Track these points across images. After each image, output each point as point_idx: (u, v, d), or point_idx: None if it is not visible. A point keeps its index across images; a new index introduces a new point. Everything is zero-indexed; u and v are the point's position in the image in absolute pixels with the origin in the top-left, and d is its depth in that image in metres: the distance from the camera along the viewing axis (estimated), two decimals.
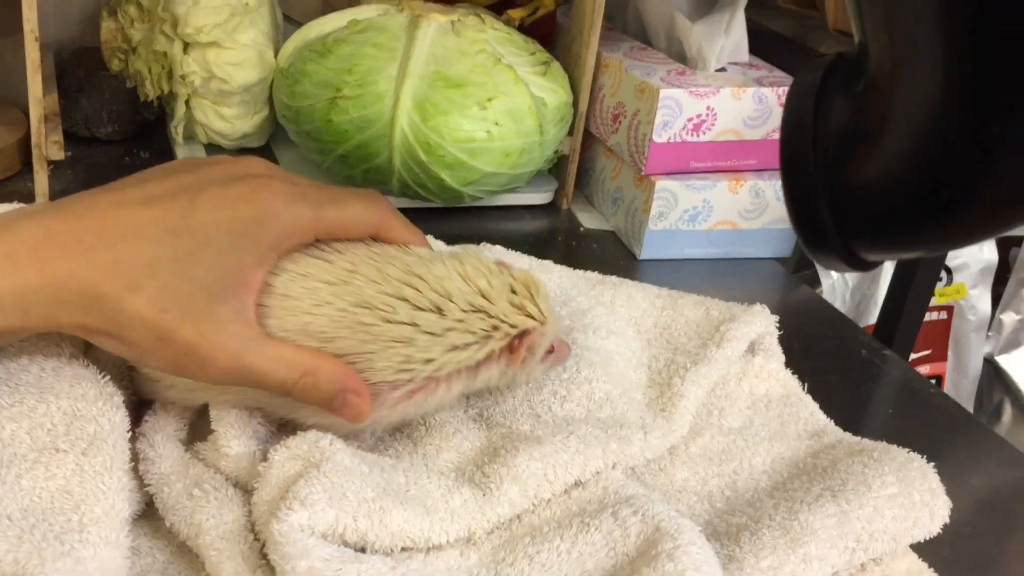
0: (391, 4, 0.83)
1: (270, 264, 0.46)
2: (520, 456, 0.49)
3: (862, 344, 0.77)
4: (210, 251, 0.43)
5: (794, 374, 0.67)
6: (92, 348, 0.52)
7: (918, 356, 1.12)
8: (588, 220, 0.90)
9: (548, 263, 0.73)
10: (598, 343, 0.61)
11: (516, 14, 0.87)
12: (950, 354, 1.16)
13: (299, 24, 0.87)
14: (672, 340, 0.64)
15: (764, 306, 0.66)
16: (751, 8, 0.89)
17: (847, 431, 0.62)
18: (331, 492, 0.41)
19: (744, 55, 0.89)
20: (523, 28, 0.87)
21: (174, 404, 0.51)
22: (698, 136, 0.82)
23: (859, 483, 0.52)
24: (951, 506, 0.53)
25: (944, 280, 1.09)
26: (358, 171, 0.79)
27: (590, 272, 0.73)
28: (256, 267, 0.45)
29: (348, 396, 0.46)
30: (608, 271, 0.76)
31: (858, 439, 0.60)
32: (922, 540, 0.53)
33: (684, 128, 0.81)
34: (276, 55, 0.84)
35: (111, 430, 0.45)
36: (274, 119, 0.87)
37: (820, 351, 0.75)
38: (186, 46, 0.82)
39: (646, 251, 0.84)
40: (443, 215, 0.85)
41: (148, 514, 0.47)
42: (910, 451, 0.55)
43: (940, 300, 1.11)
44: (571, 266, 0.74)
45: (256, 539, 0.43)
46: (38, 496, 0.41)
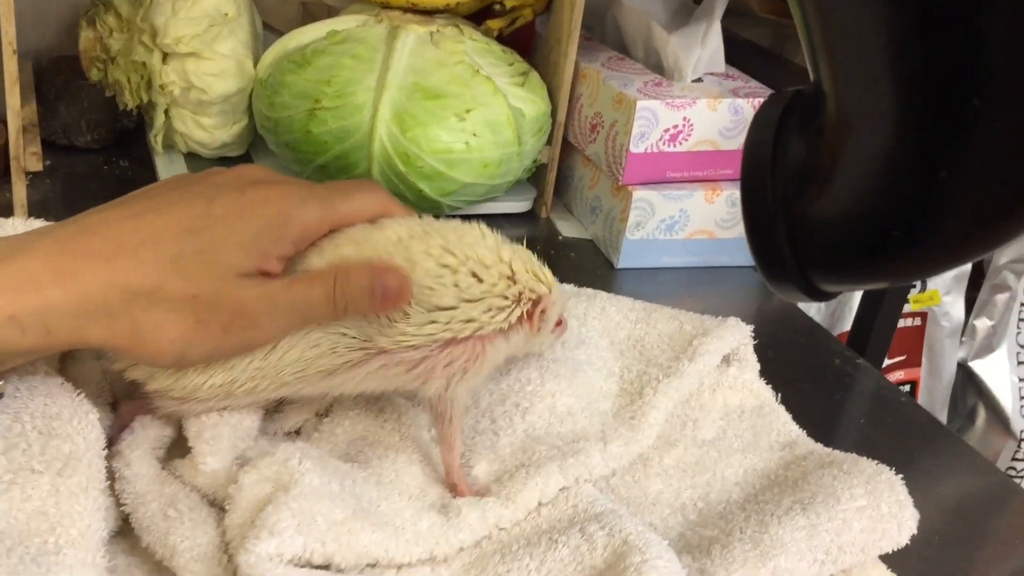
0: (370, 15, 0.84)
1: (289, 255, 0.47)
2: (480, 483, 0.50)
3: (835, 353, 0.78)
4: (233, 240, 0.44)
5: (768, 383, 0.68)
6: (67, 365, 0.52)
7: (892, 362, 1.13)
8: (567, 228, 0.90)
9: None
10: (566, 355, 0.61)
11: (495, 24, 0.88)
12: (924, 360, 1.17)
13: (279, 33, 0.87)
14: (645, 352, 0.65)
15: (738, 320, 0.67)
16: (727, 17, 0.90)
17: (820, 441, 0.63)
18: (300, 518, 0.42)
19: (720, 65, 0.90)
20: (502, 38, 0.88)
21: (152, 421, 0.51)
22: (675, 146, 0.82)
23: (828, 495, 0.53)
24: (919, 517, 0.54)
25: (918, 287, 1.11)
26: None
27: (565, 284, 0.74)
28: (279, 259, 0.46)
29: (386, 277, 0.47)
30: (586, 280, 0.76)
31: (828, 450, 0.61)
32: (890, 551, 0.54)
33: (661, 139, 0.82)
34: (255, 65, 0.84)
35: (86, 448, 0.45)
36: (253, 129, 0.87)
37: (794, 360, 0.76)
38: (165, 56, 0.82)
39: (624, 260, 0.85)
40: None
41: (125, 531, 0.47)
42: (878, 463, 0.56)
43: (914, 307, 1.12)
44: None
45: (230, 561, 0.43)
46: (14, 518, 0.41)
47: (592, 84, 0.86)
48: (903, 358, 1.15)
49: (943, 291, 1.13)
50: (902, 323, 1.02)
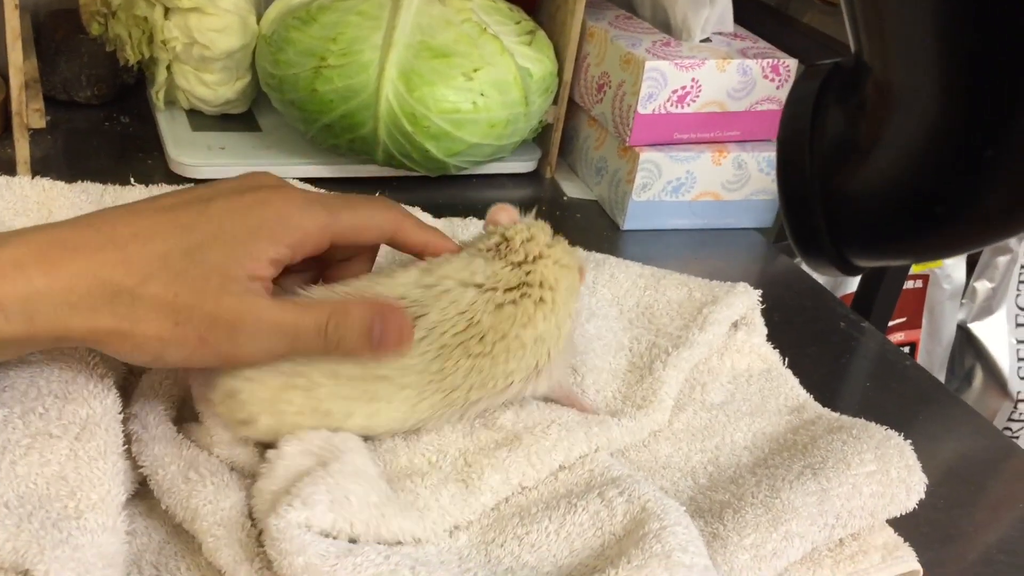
0: None
1: (284, 262, 0.45)
2: (501, 449, 0.50)
3: (841, 316, 0.78)
4: (224, 238, 0.42)
5: (775, 347, 0.68)
6: None
7: (893, 324, 1.14)
8: (571, 189, 0.90)
9: None
10: (577, 331, 0.61)
11: None
12: (924, 321, 1.18)
13: None
14: (654, 321, 0.65)
15: (747, 285, 0.67)
16: None
17: (826, 405, 0.63)
18: (334, 494, 0.42)
19: (729, 25, 0.89)
20: None
21: (161, 384, 0.51)
22: (682, 108, 0.82)
23: (838, 461, 0.53)
24: (927, 482, 0.55)
25: None
26: (343, 141, 0.79)
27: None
28: (271, 262, 0.44)
29: (388, 319, 0.45)
30: (591, 241, 0.76)
31: (837, 415, 0.61)
32: (898, 515, 0.54)
33: (669, 100, 0.81)
34: (259, 21, 0.83)
35: (103, 413, 0.45)
36: (257, 85, 0.86)
37: (800, 323, 0.76)
38: (167, 11, 0.81)
39: (629, 222, 0.84)
40: (425, 183, 0.85)
41: (143, 493, 0.47)
42: (887, 428, 0.57)
43: (916, 269, 1.12)
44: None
45: (254, 526, 0.43)
46: (33, 483, 0.41)
47: (599, 43, 0.85)
48: (903, 320, 1.15)
49: None
50: (904, 285, 1.02)
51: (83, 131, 0.86)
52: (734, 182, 0.85)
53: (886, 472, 0.53)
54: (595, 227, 0.85)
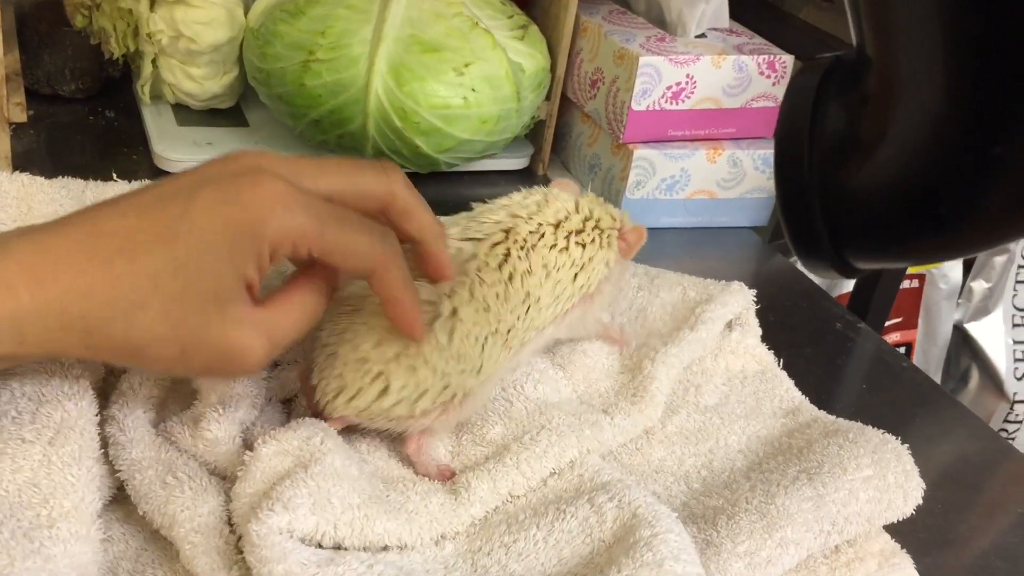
0: None
1: (265, 270, 0.42)
2: (489, 460, 0.49)
3: (837, 317, 0.77)
4: (208, 259, 0.40)
5: (770, 348, 0.67)
6: None
7: (889, 324, 1.13)
8: None
9: None
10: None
11: None
12: (921, 322, 1.17)
13: None
14: (647, 324, 0.64)
15: (742, 284, 0.66)
16: None
17: (822, 406, 0.62)
18: (316, 497, 0.40)
19: (724, 21, 0.87)
20: None
21: (142, 384, 0.50)
22: (677, 104, 0.81)
23: (835, 465, 0.52)
24: (924, 487, 0.54)
25: None
26: (331, 136, 0.78)
27: None
28: (253, 275, 0.41)
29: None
30: None
31: (832, 418, 0.60)
32: (895, 521, 0.53)
33: (663, 96, 0.80)
34: (246, 14, 0.82)
35: (79, 415, 0.43)
36: (244, 79, 0.84)
37: (795, 324, 0.75)
38: (152, 3, 0.79)
39: None
40: (415, 180, 0.83)
41: (120, 498, 0.46)
42: (884, 432, 0.56)
43: (913, 269, 1.11)
44: None
45: (232, 532, 0.42)
46: (4, 490, 0.40)
47: (593, 38, 0.84)
48: (900, 320, 1.14)
49: None
50: (900, 285, 1.01)
51: (67, 125, 0.85)
52: (729, 180, 0.84)
53: (883, 477, 0.52)
54: None
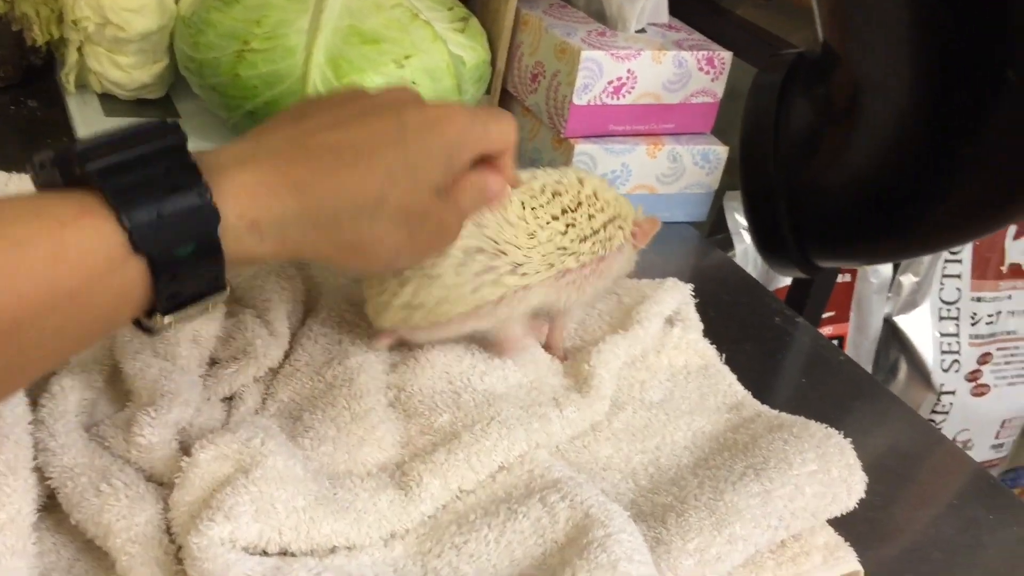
0: None
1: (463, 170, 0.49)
2: (439, 451, 0.48)
3: (775, 311, 0.78)
4: (431, 155, 0.45)
5: (712, 343, 0.67)
6: None
7: (823, 317, 1.15)
8: None
9: None
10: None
11: None
12: (852, 315, 1.19)
13: None
14: (586, 336, 0.64)
15: (676, 280, 0.66)
16: None
17: (764, 400, 0.63)
18: (259, 503, 0.39)
19: (664, 16, 0.88)
20: None
21: (75, 384, 0.48)
22: (618, 99, 0.80)
23: (780, 461, 0.52)
24: (867, 481, 0.54)
25: None
26: None
27: None
28: (455, 176, 0.48)
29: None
30: None
31: (776, 413, 0.60)
32: (839, 515, 0.54)
33: (604, 91, 0.79)
34: (177, 1, 0.79)
35: (14, 423, 0.41)
36: (175, 69, 0.82)
37: (736, 318, 0.76)
38: None
39: None
40: None
41: (51, 507, 0.44)
42: (827, 427, 0.56)
43: None
44: None
45: (172, 542, 0.40)
46: None
47: (533, 32, 0.83)
48: (833, 313, 1.16)
49: None
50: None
51: None
52: (669, 175, 0.84)
53: (827, 471, 0.53)
54: None
